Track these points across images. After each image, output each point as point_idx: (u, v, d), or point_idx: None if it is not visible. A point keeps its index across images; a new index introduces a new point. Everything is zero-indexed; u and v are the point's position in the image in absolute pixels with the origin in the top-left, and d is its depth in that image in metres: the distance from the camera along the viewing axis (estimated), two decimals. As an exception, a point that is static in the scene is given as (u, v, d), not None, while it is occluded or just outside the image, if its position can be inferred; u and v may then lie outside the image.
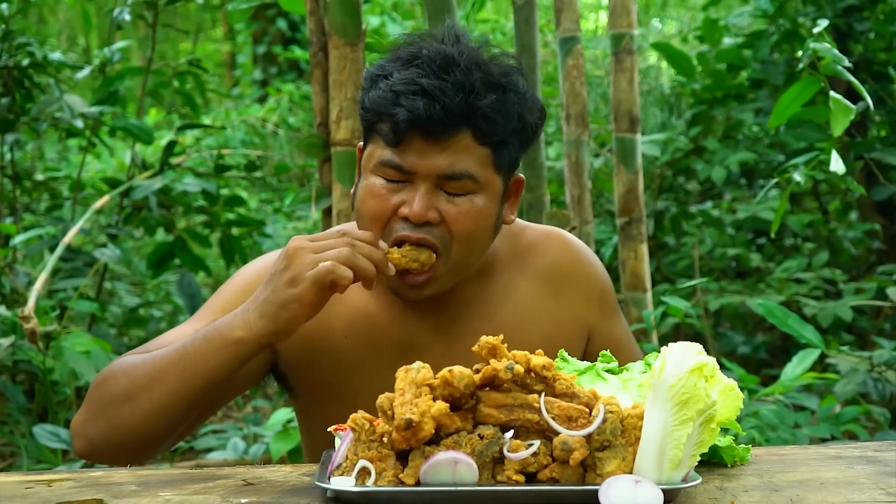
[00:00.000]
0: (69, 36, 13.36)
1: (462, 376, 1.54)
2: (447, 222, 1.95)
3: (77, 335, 4.26)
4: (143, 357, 1.92)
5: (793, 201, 6.64)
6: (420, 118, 1.88)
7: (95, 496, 1.63)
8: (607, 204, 6.36)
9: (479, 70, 1.92)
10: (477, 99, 1.90)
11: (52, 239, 4.88)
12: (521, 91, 1.98)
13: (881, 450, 1.88)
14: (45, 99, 4.94)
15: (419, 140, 1.91)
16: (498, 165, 1.98)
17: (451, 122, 1.89)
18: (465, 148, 1.93)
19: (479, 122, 1.91)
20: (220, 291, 2.13)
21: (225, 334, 1.83)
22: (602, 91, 7.39)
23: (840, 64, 3.01)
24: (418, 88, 1.88)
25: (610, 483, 1.48)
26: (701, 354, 1.56)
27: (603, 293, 2.26)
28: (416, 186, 1.94)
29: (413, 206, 1.92)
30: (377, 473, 1.54)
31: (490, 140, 1.94)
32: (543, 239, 2.23)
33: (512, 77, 1.97)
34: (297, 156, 8.01)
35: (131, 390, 1.88)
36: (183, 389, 1.86)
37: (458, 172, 1.93)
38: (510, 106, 1.95)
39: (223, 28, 14.64)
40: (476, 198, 1.96)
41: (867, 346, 5.40)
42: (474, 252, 2.01)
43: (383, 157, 1.95)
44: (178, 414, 1.89)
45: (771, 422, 3.35)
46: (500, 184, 2.00)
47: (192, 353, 1.85)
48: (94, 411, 1.93)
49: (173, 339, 2.00)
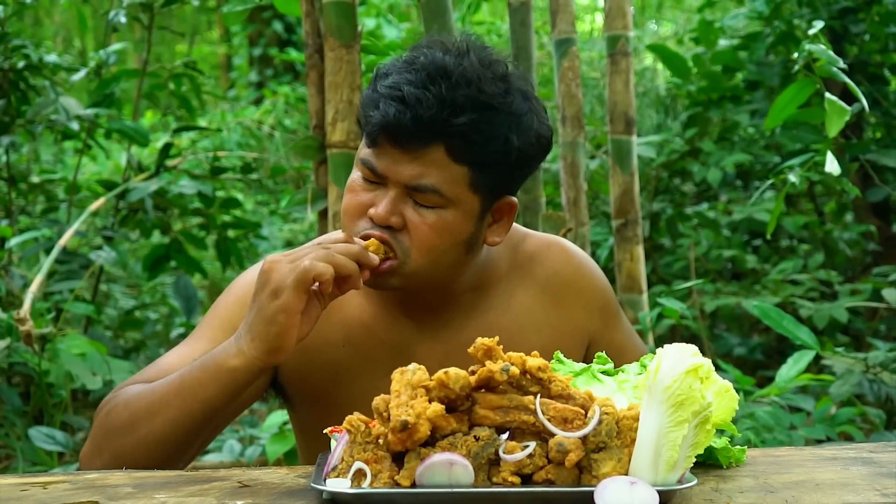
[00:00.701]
0: (65, 38, 13.35)
1: (458, 378, 1.55)
2: (409, 230, 1.94)
3: (73, 337, 4.25)
4: (143, 388, 1.93)
5: (788, 203, 6.65)
6: (390, 124, 1.87)
7: (91, 498, 1.63)
8: (603, 206, 6.37)
9: (470, 87, 1.88)
10: (453, 115, 1.86)
11: (47, 241, 4.88)
12: (516, 114, 1.93)
13: (876, 451, 1.88)
14: (41, 101, 4.93)
15: (390, 146, 1.91)
16: (475, 185, 1.94)
17: (420, 133, 1.87)
18: (436, 162, 1.90)
19: (453, 138, 1.88)
20: (215, 306, 2.12)
21: (221, 363, 1.84)
22: (598, 93, 7.39)
23: (835, 65, 3.02)
24: (399, 94, 1.87)
25: (605, 484, 1.48)
26: (696, 356, 1.56)
27: (605, 302, 2.25)
28: (387, 190, 1.94)
29: (378, 209, 1.93)
30: (373, 475, 1.55)
31: (466, 159, 1.90)
32: (544, 249, 2.21)
33: (509, 98, 1.92)
34: (292, 158, 8.01)
35: (131, 422, 1.90)
36: (182, 419, 1.87)
37: (423, 185, 1.91)
38: (496, 127, 1.90)
39: (219, 30, 14.64)
40: (444, 212, 1.93)
41: (863, 348, 5.40)
42: (437, 265, 1.97)
43: (362, 156, 1.97)
44: (179, 443, 1.90)
45: (766, 423, 3.35)
46: (476, 204, 1.96)
47: (189, 383, 1.86)
48: (99, 444, 1.95)
49: (172, 361, 2.01)
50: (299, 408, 2.17)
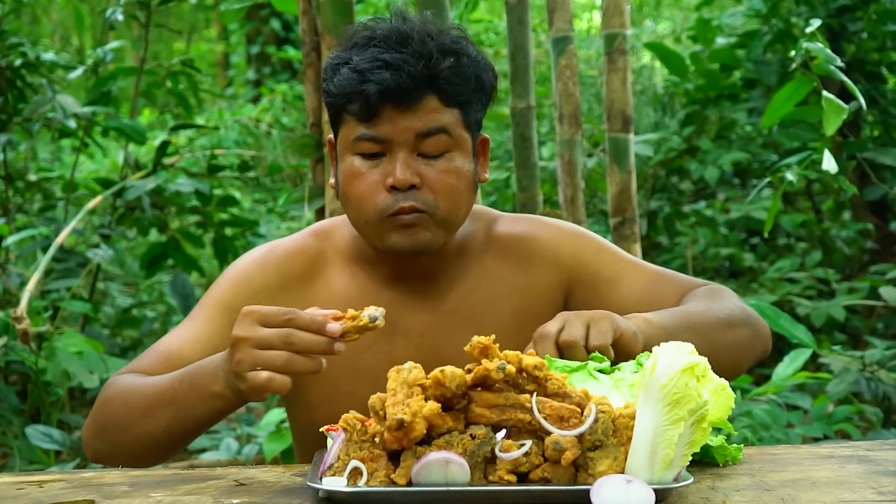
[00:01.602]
0: (62, 36, 13.34)
1: (454, 376, 1.54)
2: (429, 183, 2.03)
3: (70, 336, 4.25)
4: (139, 384, 1.98)
5: (786, 201, 6.65)
6: (390, 89, 1.98)
7: (87, 497, 1.63)
8: (600, 204, 6.37)
9: (432, 40, 2.03)
10: (437, 64, 2.01)
11: (44, 239, 4.88)
12: (473, 55, 2.08)
13: (873, 449, 1.88)
14: (38, 99, 4.93)
15: (391, 110, 2.00)
16: (467, 124, 2.08)
17: (417, 87, 2.00)
18: (434, 109, 2.03)
19: (442, 85, 2.02)
20: (212, 289, 2.19)
21: (207, 385, 1.85)
22: (595, 91, 7.39)
23: (833, 64, 3.02)
24: (382, 63, 1.99)
25: (601, 483, 1.48)
26: (692, 354, 1.56)
27: (576, 250, 2.24)
28: (394, 156, 2.03)
29: (396, 174, 2.01)
30: (369, 474, 1.55)
31: (456, 101, 2.04)
32: (514, 221, 2.28)
33: (462, 44, 2.08)
34: (290, 156, 8.01)
35: (128, 420, 1.96)
36: (175, 428, 1.92)
37: (433, 128, 2.02)
38: (466, 69, 2.05)
39: (217, 28, 14.64)
40: (452, 155, 2.05)
41: (860, 346, 5.41)
42: (459, 209, 2.08)
43: (358, 133, 2.03)
44: (174, 443, 1.97)
45: (764, 421, 3.35)
46: (469, 141, 2.10)
47: (181, 399, 1.89)
48: (98, 431, 2.02)
49: (171, 344, 2.10)
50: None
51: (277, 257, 2.20)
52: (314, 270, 2.19)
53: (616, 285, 2.19)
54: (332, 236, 2.21)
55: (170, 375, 1.94)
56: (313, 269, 2.19)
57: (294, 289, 2.17)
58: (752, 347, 2.13)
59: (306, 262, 2.19)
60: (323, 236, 2.23)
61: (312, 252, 2.20)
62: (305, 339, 1.71)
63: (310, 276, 2.19)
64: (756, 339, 2.14)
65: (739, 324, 2.10)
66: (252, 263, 2.20)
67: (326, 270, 2.19)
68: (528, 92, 3.99)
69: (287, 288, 2.17)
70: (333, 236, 2.21)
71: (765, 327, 2.18)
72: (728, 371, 1.93)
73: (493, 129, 7.40)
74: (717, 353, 1.90)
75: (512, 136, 4.09)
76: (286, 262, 2.19)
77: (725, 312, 2.08)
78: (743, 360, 2.13)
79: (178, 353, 2.07)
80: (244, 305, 2.12)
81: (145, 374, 2.05)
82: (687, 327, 1.98)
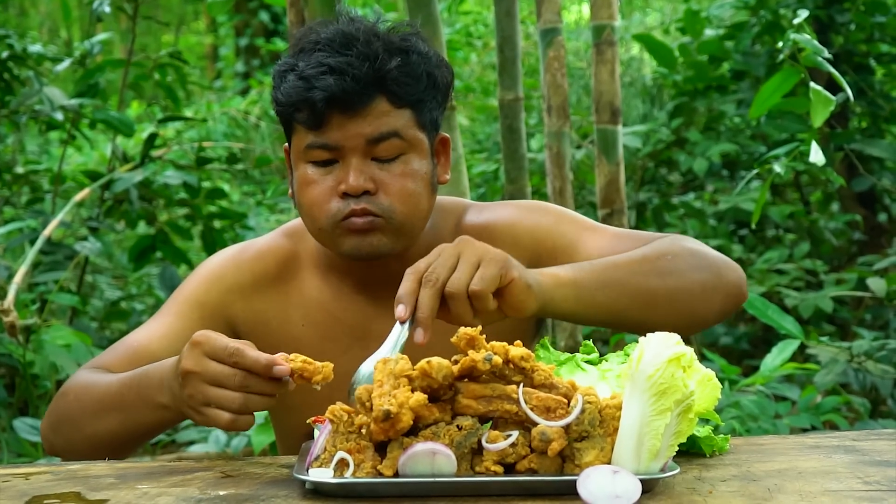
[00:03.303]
0: (50, 28, 13.31)
1: (440, 367, 1.54)
2: (384, 188, 1.99)
3: (58, 328, 4.24)
4: (95, 383, 1.97)
5: (774, 192, 6.66)
6: (335, 94, 1.94)
7: (73, 489, 1.62)
8: (589, 195, 6.37)
9: (379, 40, 1.99)
10: (383, 65, 1.96)
11: (32, 232, 4.86)
12: (424, 52, 2.04)
13: (859, 439, 1.89)
14: (25, 91, 4.91)
15: (339, 116, 1.97)
16: (422, 124, 2.04)
17: (364, 90, 1.95)
18: (385, 112, 1.99)
19: (390, 85, 1.98)
20: (183, 286, 2.18)
21: (153, 396, 1.82)
22: (584, 82, 7.39)
23: (820, 55, 3.02)
24: (326, 68, 1.95)
25: (588, 473, 1.48)
26: (679, 345, 1.56)
27: (549, 231, 2.15)
28: (346, 162, 1.99)
29: (349, 180, 1.97)
30: (355, 465, 1.54)
31: (406, 101, 2.00)
32: (481, 209, 2.22)
33: (412, 41, 2.04)
34: (278, 148, 7.99)
35: (80, 418, 1.96)
36: (123, 433, 1.92)
37: (384, 133, 1.98)
38: (416, 67, 2.01)
39: (205, 20, 14.61)
40: (406, 158, 2.02)
41: (848, 337, 5.42)
42: (417, 212, 2.03)
43: (308, 142, 2.00)
44: (124, 445, 1.96)
45: (752, 412, 3.36)
46: (425, 142, 2.05)
47: (129, 405, 1.87)
48: (53, 425, 2.02)
49: (140, 339, 2.09)
50: None
51: (251, 256, 2.18)
52: (288, 272, 2.18)
53: (574, 252, 2.08)
54: (304, 237, 2.18)
55: (121, 378, 1.91)
56: (287, 271, 2.17)
57: (268, 289, 2.16)
58: (709, 293, 1.95)
59: (280, 263, 2.18)
60: (296, 237, 2.20)
61: (286, 253, 2.19)
62: (255, 383, 1.66)
63: (283, 278, 2.17)
64: (717, 284, 1.96)
65: (691, 268, 1.94)
66: (226, 261, 2.19)
67: (299, 273, 2.18)
68: (517, 83, 3.98)
69: (260, 288, 2.16)
70: (305, 238, 2.17)
71: (733, 272, 1.99)
72: (677, 318, 1.88)
73: (482, 121, 7.41)
74: (653, 301, 1.88)
75: (500, 128, 4.09)
76: (260, 263, 2.18)
77: (667, 259, 1.93)
78: (698, 308, 1.95)
79: (146, 349, 2.05)
80: (216, 302, 2.15)
81: (108, 369, 2.03)
82: (606, 281, 1.86)
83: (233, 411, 1.67)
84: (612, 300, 1.86)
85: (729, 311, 2.01)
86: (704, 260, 1.97)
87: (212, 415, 1.68)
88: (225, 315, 2.15)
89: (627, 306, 1.89)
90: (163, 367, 1.82)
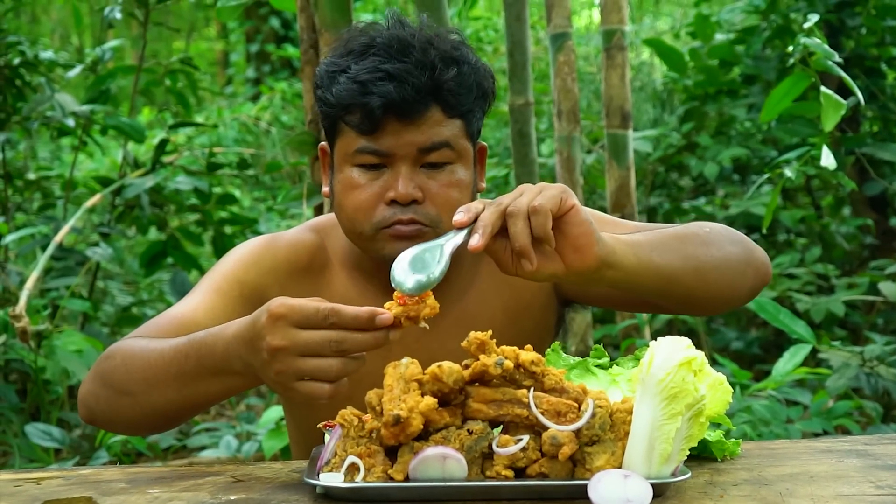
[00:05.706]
0: (62, 35, 13.35)
1: (451, 372, 1.54)
2: (431, 198, 2.00)
3: (69, 334, 4.25)
4: (144, 348, 1.86)
5: (785, 197, 6.65)
6: (394, 101, 1.94)
7: (84, 494, 1.63)
8: (599, 200, 6.36)
9: (434, 48, 1.99)
10: (441, 75, 1.97)
11: (44, 238, 4.88)
12: (473, 62, 2.05)
13: (871, 443, 1.88)
14: (37, 98, 4.93)
15: (394, 122, 1.97)
16: (469, 134, 2.05)
17: (421, 99, 1.96)
18: (438, 122, 1.99)
19: (445, 96, 1.98)
20: (218, 266, 2.14)
21: (218, 365, 1.73)
22: (594, 87, 7.38)
23: (831, 59, 3.02)
24: (384, 74, 1.94)
25: (599, 478, 1.48)
26: (689, 349, 1.56)
27: None
28: (396, 169, 1.99)
29: (398, 188, 1.97)
30: (366, 469, 1.55)
31: (458, 112, 2.01)
32: None
33: (462, 50, 2.04)
34: (289, 154, 8.01)
35: (129, 387, 1.84)
36: (179, 401, 1.81)
37: (436, 143, 1.99)
38: (468, 78, 2.02)
39: (216, 26, 14.64)
40: (454, 167, 2.03)
41: (860, 341, 5.40)
42: None
43: (359, 146, 2.00)
44: (178, 415, 1.87)
45: (763, 417, 3.35)
46: (471, 152, 2.07)
47: (190, 373, 1.77)
48: (97, 391, 1.91)
49: (182, 312, 1.99)
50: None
51: (285, 244, 2.17)
52: (317, 265, 2.17)
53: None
54: (330, 234, 2.19)
55: (175, 346, 1.80)
56: (316, 264, 2.17)
57: (301, 278, 2.15)
58: (744, 267, 1.98)
59: (309, 255, 2.17)
60: (323, 233, 2.20)
61: (315, 247, 2.18)
62: (358, 339, 1.59)
63: (313, 270, 2.16)
64: (750, 259, 1.99)
65: (727, 241, 1.96)
66: (261, 246, 2.17)
67: (327, 269, 2.17)
68: (527, 88, 3.99)
69: (293, 276, 2.15)
70: (332, 235, 2.18)
71: (760, 251, 2.02)
72: (720, 290, 1.90)
73: (492, 126, 7.40)
74: (702, 268, 1.87)
75: (511, 133, 4.09)
76: (293, 252, 2.16)
77: (706, 232, 1.93)
78: (736, 280, 1.97)
79: (192, 320, 1.97)
80: (255, 283, 2.10)
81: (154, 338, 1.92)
82: (658, 245, 1.83)
83: (330, 380, 1.59)
84: (666, 262, 1.82)
85: (758, 289, 2.03)
86: (737, 236, 2.01)
87: (308, 389, 1.60)
88: (262, 297, 2.00)
89: (681, 270, 1.85)
90: (223, 335, 1.72)
